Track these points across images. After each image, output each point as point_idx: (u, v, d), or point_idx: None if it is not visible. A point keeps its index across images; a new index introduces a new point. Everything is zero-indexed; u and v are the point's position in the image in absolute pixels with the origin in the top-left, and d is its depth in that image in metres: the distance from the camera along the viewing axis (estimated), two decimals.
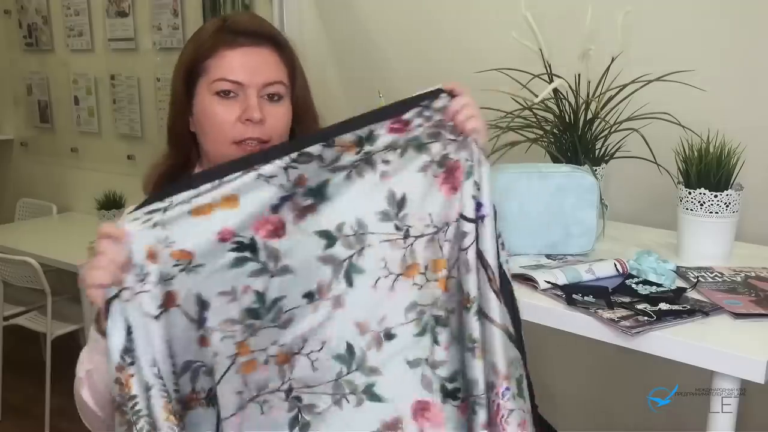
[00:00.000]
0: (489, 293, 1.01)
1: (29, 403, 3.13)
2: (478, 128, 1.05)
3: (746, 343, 1.11)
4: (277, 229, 1.00)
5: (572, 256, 1.52)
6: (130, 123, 3.53)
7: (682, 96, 1.65)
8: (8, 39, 4.04)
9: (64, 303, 3.16)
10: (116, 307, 0.92)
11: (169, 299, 0.95)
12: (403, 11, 2.41)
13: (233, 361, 1.00)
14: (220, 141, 1.12)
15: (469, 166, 1.04)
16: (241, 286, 0.99)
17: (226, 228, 0.97)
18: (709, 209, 1.48)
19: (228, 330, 0.99)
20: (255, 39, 1.12)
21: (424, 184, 1.05)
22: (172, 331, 0.95)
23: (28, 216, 3.86)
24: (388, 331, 1.05)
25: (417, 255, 1.05)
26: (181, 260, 0.95)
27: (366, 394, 1.05)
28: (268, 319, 1.01)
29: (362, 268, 1.04)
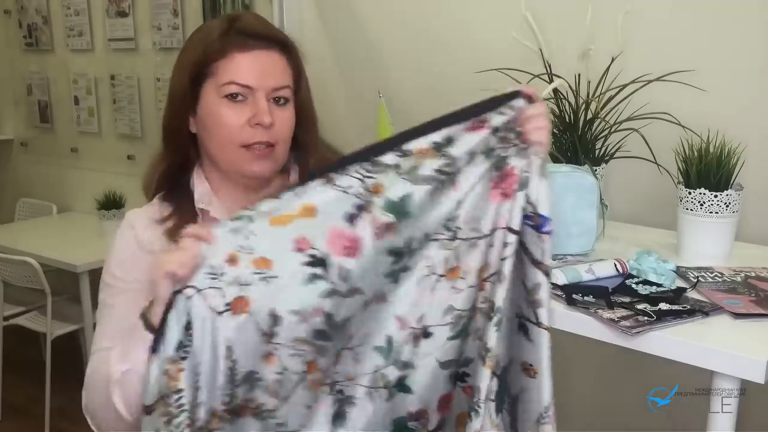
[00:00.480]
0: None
1: (29, 403, 3.13)
2: (544, 142, 1.03)
3: (746, 343, 1.11)
4: (353, 249, 0.98)
5: (572, 256, 1.52)
6: (130, 123, 3.53)
7: (682, 96, 1.65)
8: (8, 39, 4.04)
9: (64, 303, 3.16)
10: (180, 302, 0.92)
11: (240, 304, 0.94)
12: (403, 11, 2.41)
13: (302, 378, 1.00)
14: (228, 144, 1.11)
15: (525, 177, 1.01)
16: (311, 308, 0.97)
17: (302, 236, 0.96)
18: (709, 209, 1.47)
19: (298, 348, 0.98)
20: (265, 42, 1.11)
21: (480, 188, 1.02)
22: (238, 336, 0.94)
23: (27, 216, 3.86)
24: (426, 329, 1.04)
25: (460, 258, 1.03)
26: (261, 269, 0.94)
27: (397, 387, 1.05)
28: (338, 339, 1.00)
29: (409, 266, 1.02)
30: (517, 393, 1.03)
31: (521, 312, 1.01)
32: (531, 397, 1.00)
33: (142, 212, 1.19)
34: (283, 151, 1.15)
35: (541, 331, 0.99)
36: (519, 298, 1.01)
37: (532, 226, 1.00)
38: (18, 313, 3.18)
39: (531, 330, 1.00)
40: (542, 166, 1.01)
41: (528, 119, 1.02)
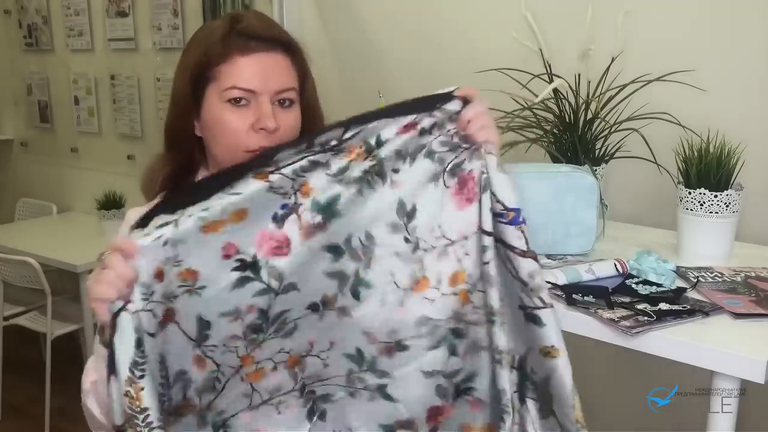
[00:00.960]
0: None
1: (29, 403, 3.13)
2: (492, 139, 1.02)
3: (746, 343, 1.11)
4: (281, 247, 0.97)
5: (572, 256, 1.52)
6: (130, 123, 3.53)
7: (682, 96, 1.65)
8: (8, 39, 4.03)
9: (64, 303, 3.15)
10: (124, 320, 0.89)
11: (167, 315, 0.94)
12: (403, 11, 2.41)
13: (237, 371, 1.00)
14: (233, 149, 1.08)
15: (485, 178, 1.01)
16: (245, 306, 0.97)
17: (230, 243, 0.94)
18: (709, 209, 1.47)
19: (230, 345, 0.98)
20: (267, 43, 1.08)
21: (435, 194, 1.02)
22: (167, 347, 0.94)
23: (28, 216, 3.86)
24: (400, 342, 1.04)
25: (427, 269, 1.03)
26: (187, 280, 0.93)
27: (378, 392, 1.05)
28: (271, 331, 1.00)
29: (369, 283, 1.02)
30: (545, 377, 1.02)
31: (524, 303, 1.00)
32: (561, 377, 1.00)
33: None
34: None
35: (548, 311, 0.99)
36: (517, 292, 1.00)
37: (506, 223, 0.99)
38: (18, 313, 3.17)
39: (541, 315, 0.99)
40: (498, 161, 1.01)
41: (469, 121, 1.02)
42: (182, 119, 1.13)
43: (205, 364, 0.98)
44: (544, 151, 1.77)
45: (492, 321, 0.99)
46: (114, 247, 0.92)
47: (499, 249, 1.00)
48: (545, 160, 1.76)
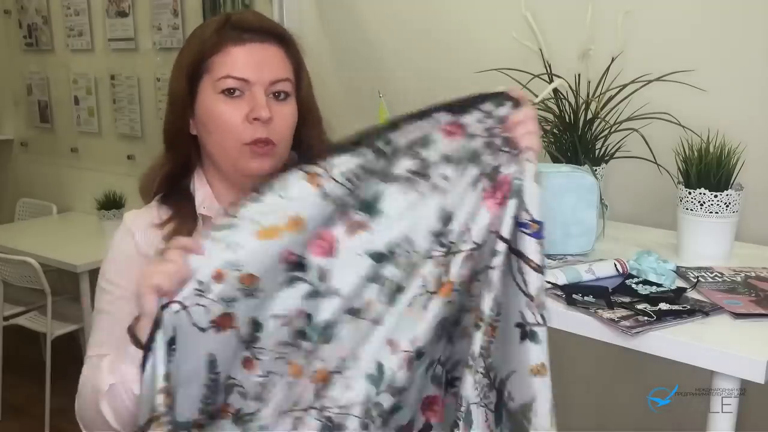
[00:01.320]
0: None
1: (29, 403, 3.13)
2: (535, 147, 1.00)
3: (746, 343, 1.11)
4: (330, 248, 0.97)
5: (572, 256, 1.52)
6: (130, 123, 3.53)
7: (682, 96, 1.65)
8: (8, 39, 4.04)
9: (64, 303, 3.16)
10: (165, 317, 0.89)
11: (226, 320, 0.93)
12: (403, 11, 2.41)
13: (284, 377, 0.99)
14: (227, 142, 1.08)
15: (517, 185, 0.98)
16: (295, 309, 0.97)
17: (290, 251, 0.95)
18: (709, 209, 1.48)
19: (281, 351, 0.98)
20: (261, 35, 1.08)
21: (472, 198, 1.01)
22: (221, 348, 0.94)
23: (28, 216, 3.86)
24: (420, 350, 1.02)
25: (452, 272, 1.01)
26: (247, 285, 0.93)
27: (392, 413, 1.04)
28: (317, 340, 0.99)
29: (404, 288, 1.01)
30: (527, 402, 1.00)
31: (525, 320, 0.99)
32: (542, 401, 0.99)
33: (140, 215, 1.16)
34: (285, 149, 1.12)
35: (545, 330, 0.98)
36: (519, 307, 0.99)
37: (530, 234, 0.97)
38: (18, 313, 3.18)
39: (539, 333, 0.98)
40: (536, 171, 0.99)
41: (516, 124, 0.99)
42: (179, 118, 1.12)
43: (253, 366, 0.97)
44: (544, 151, 1.77)
45: (478, 326, 0.98)
46: (179, 245, 0.92)
47: (512, 260, 0.98)
48: (545, 160, 1.76)
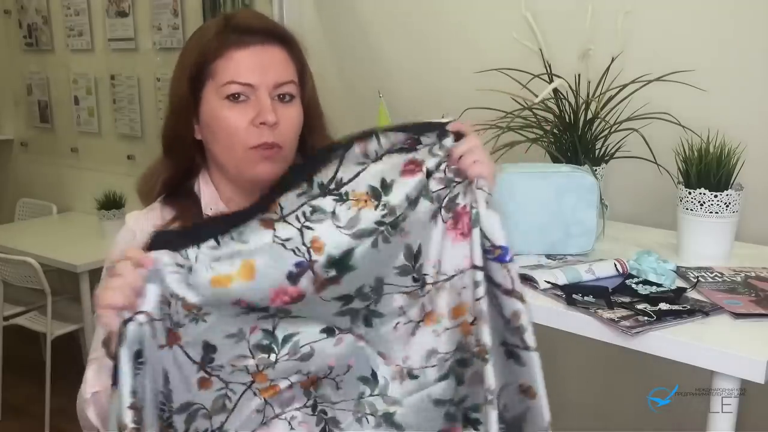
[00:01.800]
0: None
1: (29, 403, 3.13)
2: (485, 173, 1.00)
3: (746, 343, 1.11)
4: (293, 300, 0.96)
5: (572, 256, 1.52)
6: (130, 123, 3.53)
7: (682, 96, 1.65)
8: (8, 39, 4.03)
9: (64, 303, 3.16)
10: (130, 331, 0.88)
11: (172, 337, 0.93)
12: (403, 11, 2.41)
13: (249, 386, 0.99)
14: (235, 147, 1.07)
15: (475, 213, 1.00)
16: (248, 327, 0.96)
17: (241, 300, 0.93)
18: (709, 209, 1.48)
19: (239, 364, 0.97)
20: (263, 37, 1.07)
21: (435, 231, 1.02)
22: (171, 366, 0.93)
23: (28, 216, 3.86)
24: (410, 370, 1.04)
25: (434, 302, 1.03)
26: (192, 311, 0.92)
27: (385, 420, 1.05)
28: (284, 353, 0.99)
29: (381, 313, 1.02)
30: (519, 414, 1.02)
31: (506, 340, 1.00)
32: (535, 418, 1.00)
33: (143, 217, 1.15)
34: (290, 152, 1.11)
35: (530, 353, 0.99)
36: (500, 328, 1.00)
37: (493, 259, 0.98)
38: (18, 313, 3.17)
39: (521, 355, 0.99)
40: (487, 197, 1.00)
41: (461, 156, 1.00)
42: (182, 124, 1.11)
43: (210, 383, 0.97)
44: (544, 151, 1.77)
45: (485, 359, 0.98)
46: (127, 256, 0.90)
47: (488, 285, 1.00)
48: (545, 160, 1.76)
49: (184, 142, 1.12)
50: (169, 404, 0.95)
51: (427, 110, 2.20)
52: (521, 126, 1.72)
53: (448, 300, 1.03)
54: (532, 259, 1.51)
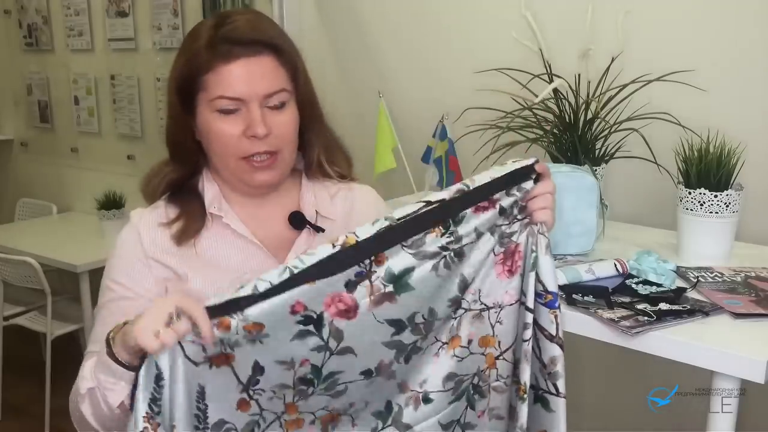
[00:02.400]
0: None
1: (29, 403, 3.13)
2: (548, 222, 1.03)
3: (746, 343, 1.11)
4: (348, 311, 0.96)
5: (572, 256, 1.52)
6: (130, 123, 3.53)
7: (682, 96, 1.65)
8: (8, 39, 4.04)
9: (64, 303, 3.16)
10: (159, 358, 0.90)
11: (221, 359, 0.93)
12: (403, 11, 2.41)
13: (278, 417, 1.00)
14: (227, 157, 1.09)
15: (534, 257, 1.02)
16: (300, 358, 0.96)
17: (299, 301, 0.93)
18: (709, 209, 1.47)
19: (279, 392, 0.98)
20: (252, 47, 1.06)
21: (486, 264, 1.03)
22: (213, 379, 0.94)
23: (28, 216, 3.86)
24: (427, 394, 1.06)
25: (461, 328, 1.05)
26: (252, 332, 0.92)
27: None
28: (321, 388, 0.99)
29: (421, 348, 1.03)
30: None
31: (538, 384, 1.03)
32: None
33: (147, 214, 1.16)
34: (289, 154, 1.13)
35: (560, 400, 1.02)
36: (534, 370, 1.03)
37: (543, 304, 1.02)
38: (18, 313, 3.18)
39: (551, 401, 1.03)
40: (548, 244, 1.03)
41: (534, 198, 1.02)
42: (179, 129, 1.13)
43: (249, 407, 0.97)
44: (544, 151, 1.77)
45: (522, 398, 1.02)
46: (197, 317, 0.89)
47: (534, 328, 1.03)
48: (545, 160, 1.76)
49: (185, 145, 1.14)
50: (204, 422, 0.95)
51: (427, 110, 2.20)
52: (521, 126, 1.72)
53: (479, 328, 1.04)
54: None
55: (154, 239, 1.13)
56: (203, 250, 1.13)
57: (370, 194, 1.29)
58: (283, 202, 1.19)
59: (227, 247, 1.14)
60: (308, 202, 1.19)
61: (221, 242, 1.14)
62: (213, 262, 1.13)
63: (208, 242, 1.14)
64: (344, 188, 1.25)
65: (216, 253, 1.13)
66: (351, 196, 1.24)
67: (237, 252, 1.14)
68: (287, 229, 1.17)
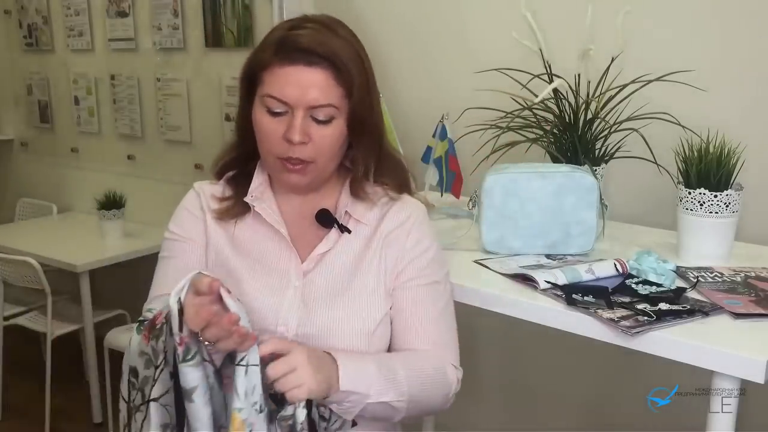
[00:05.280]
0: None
1: (29, 403, 3.13)
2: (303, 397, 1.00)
3: (746, 343, 1.11)
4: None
5: (572, 256, 1.52)
6: (130, 123, 3.53)
7: (682, 96, 1.65)
8: (8, 39, 4.03)
9: (64, 303, 3.16)
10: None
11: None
12: (403, 11, 2.40)
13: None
14: (267, 152, 1.15)
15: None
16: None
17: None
18: (709, 209, 1.47)
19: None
20: (311, 57, 1.10)
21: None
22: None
23: (28, 216, 3.86)
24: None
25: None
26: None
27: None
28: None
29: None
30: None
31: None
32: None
33: (207, 186, 1.26)
34: (324, 164, 1.17)
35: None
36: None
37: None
38: (18, 313, 3.17)
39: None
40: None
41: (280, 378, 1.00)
42: (242, 112, 1.20)
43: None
44: (544, 151, 1.77)
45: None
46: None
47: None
48: (545, 160, 1.76)
49: (246, 129, 1.20)
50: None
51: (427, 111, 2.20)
52: (521, 126, 1.72)
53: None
54: (532, 259, 1.51)
55: (209, 205, 1.23)
56: (240, 232, 1.21)
57: (402, 213, 1.24)
58: (327, 200, 1.23)
59: (258, 235, 1.21)
60: (343, 202, 1.22)
61: (255, 229, 1.21)
62: (240, 246, 1.20)
63: (245, 226, 1.21)
64: (392, 196, 1.25)
65: (247, 237, 1.21)
66: (389, 206, 1.24)
67: (265, 240, 1.20)
68: (318, 227, 1.21)
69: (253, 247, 1.20)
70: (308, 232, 1.21)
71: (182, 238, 1.22)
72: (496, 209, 1.53)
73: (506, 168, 1.55)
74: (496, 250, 1.55)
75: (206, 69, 3.11)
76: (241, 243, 1.20)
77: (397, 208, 1.24)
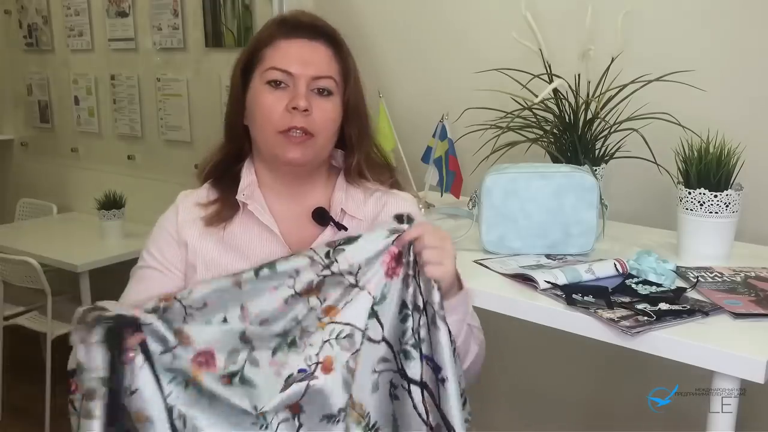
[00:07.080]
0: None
1: (29, 403, 3.13)
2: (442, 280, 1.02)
3: (746, 343, 1.11)
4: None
5: (572, 256, 1.53)
6: (130, 123, 3.53)
7: (682, 96, 1.66)
8: (8, 39, 4.03)
9: (64, 303, 3.15)
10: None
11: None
12: (403, 11, 2.41)
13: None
14: (267, 129, 1.14)
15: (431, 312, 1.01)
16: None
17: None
18: (709, 209, 1.48)
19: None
20: (312, 33, 1.15)
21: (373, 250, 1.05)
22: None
23: (28, 216, 3.85)
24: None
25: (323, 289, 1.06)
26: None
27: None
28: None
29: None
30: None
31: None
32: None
33: (191, 194, 1.24)
34: (323, 142, 1.16)
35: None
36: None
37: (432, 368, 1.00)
38: (18, 313, 3.17)
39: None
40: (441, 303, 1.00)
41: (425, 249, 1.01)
42: (235, 110, 1.20)
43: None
44: (544, 151, 1.77)
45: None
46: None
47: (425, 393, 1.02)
48: (545, 160, 1.76)
49: (235, 127, 1.21)
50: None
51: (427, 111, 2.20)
52: (521, 126, 1.72)
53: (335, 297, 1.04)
54: (532, 259, 1.51)
55: (186, 217, 1.20)
56: (230, 235, 1.19)
57: (402, 204, 1.25)
58: (316, 199, 1.22)
59: (249, 235, 1.19)
60: (337, 200, 1.22)
61: (245, 229, 1.19)
62: (233, 247, 1.18)
63: (235, 228, 1.19)
64: (383, 191, 1.25)
65: (238, 238, 1.19)
66: (385, 200, 1.24)
67: (257, 240, 1.19)
68: (313, 225, 1.20)
69: (245, 247, 1.19)
70: (301, 231, 1.21)
71: (159, 264, 1.19)
72: (496, 209, 1.53)
73: (506, 168, 1.55)
74: (496, 250, 1.55)
75: (206, 69, 3.12)
76: (232, 245, 1.19)
77: (396, 201, 1.24)
